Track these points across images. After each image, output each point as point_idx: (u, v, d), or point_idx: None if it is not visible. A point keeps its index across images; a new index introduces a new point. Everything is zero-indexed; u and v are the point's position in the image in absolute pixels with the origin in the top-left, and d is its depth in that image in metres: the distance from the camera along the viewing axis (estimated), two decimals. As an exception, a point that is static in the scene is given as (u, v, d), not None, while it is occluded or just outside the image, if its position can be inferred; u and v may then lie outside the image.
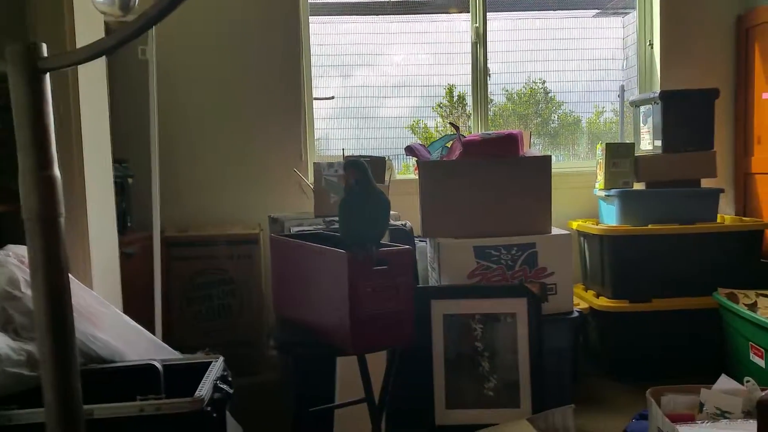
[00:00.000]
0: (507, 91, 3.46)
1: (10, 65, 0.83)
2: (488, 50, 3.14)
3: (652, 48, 3.20)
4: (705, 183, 2.80)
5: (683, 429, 1.58)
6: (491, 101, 3.25)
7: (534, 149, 2.70)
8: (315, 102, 3.16)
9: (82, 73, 1.77)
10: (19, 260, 1.52)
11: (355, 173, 1.49)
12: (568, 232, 2.27)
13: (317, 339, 1.58)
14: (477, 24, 3.13)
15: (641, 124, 2.97)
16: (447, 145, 2.43)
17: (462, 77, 3.31)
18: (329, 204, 2.49)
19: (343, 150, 2.90)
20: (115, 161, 2.15)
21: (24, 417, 1.28)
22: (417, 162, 2.34)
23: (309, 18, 3.07)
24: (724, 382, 1.81)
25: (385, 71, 3.42)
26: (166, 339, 1.95)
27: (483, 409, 2.03)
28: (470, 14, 3.14)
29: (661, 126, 2.76)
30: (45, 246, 0.88)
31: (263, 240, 2.81)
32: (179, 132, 2.91)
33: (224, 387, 1.45)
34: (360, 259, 1.44)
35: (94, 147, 1.88)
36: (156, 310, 2.22)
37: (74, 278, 1.59)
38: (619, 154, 2.77)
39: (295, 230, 2.30)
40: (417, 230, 2.31)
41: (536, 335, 2.04)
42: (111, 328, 1.58)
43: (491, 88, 3.20)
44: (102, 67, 1.95)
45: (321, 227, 2.28)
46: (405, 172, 3.33)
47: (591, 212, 3.02)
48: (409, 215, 2.44)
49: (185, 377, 1.50)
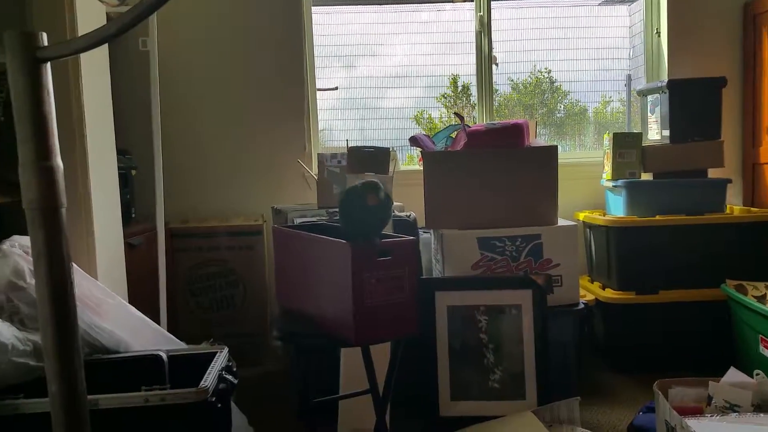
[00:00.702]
0: (512, 81, 3.43)
1: (9, 54, 0.82)
2: (493, 39, 3.11)
3: (659, 36, 3.17)
4: (713, 173, 2.77)
5: (691, 422, 1.57)
6: (496, 91, 3.22)
7: (540, 139, 2.68)
8: (318, 93, 3.14)
9: (85, 64, 1.76)
10: (24, 251, 1.52)
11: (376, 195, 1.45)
12: (574, 223, 2.25)
13: (321, 330, 1.57)
14: (481, 13, 3.10)
15: (648, 114, 2.94)
16: (451, 136, 2.42)
17: (466, 67, 3.29)
18: (332, 195, 2.48)
19: (347, 141, 2.89)
20: (119, 152, 2.14)
21: (30, 406, 1.29)
22: (421, 153, 2.33)
23: (312, 8, 3.05)
24: (733, 375, 1.79)
25: (389, 62, 3.40)
26: (170, 330, 1.95)
27: (487, 401, 2.02)
28: (474, 3, 3.12)
29: (669, 115, 2.73)
30: (47, 236, 0.88)
31: (266, 231, 2.81)
32: (182, 123, 2.91)
33: (229, 377, 1.45)
34: (362, 247, 1.43)
35: (98, 138, 1.87)
36: (161, 301, 2.23)
37: (79, 269, 1.59)
38: (626, 144, 2.74)
39: (299, 221, 2.30)
40: (421, 221, 2.30)
41: (541, 327, 2.03)
42: (116, 319, 1.58)
43: (496, 78, 3.17)
44: (104, 58, 1.95)
45: (324, 218, 2.27)
46: (409, 163, 3.32)
47: (597, 203, 3.00)
48: (414, 206, 2.43)
49: (190, 367, 1.50)
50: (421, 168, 2.27)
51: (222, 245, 2.75)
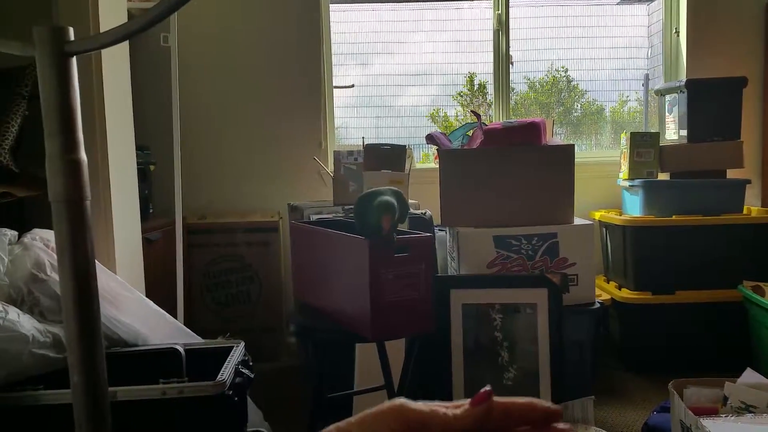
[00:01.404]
0: (529, 80, 3.41)
1: (38, 48, 0.83)
2: (510, 38, 3.10)
3: (678, 35, 3.14)
4: (731, 174, 2.74)
5: (706, 422, 1.56)
6: (513, 90, 3.21)
7: (556, 138, 2.66)
8: (335, 90, 3.15)
9: (106, 58, 1.78)
10: (45, 244, 1.54)
11: (391, 220, 1.44)
12: (591, 222, 2.24)
13: (337, 326, 1.58)
14: (499, 11, 3.09)
15: (666, 113, 2.91)
16: (468, 134, 2.41)
17: (483, 65, 3.28)
18: (348, 192, 2.49)
19: (363, 138, 2.89)
20: (137, 148, 2.17)
21: (51, 397, 1.30)
22: (438, 150, 2.33)
23: (330, 6, 3.06)
24: (750, 376, 1.77)
25: (405, 59, 3.40)
26: (186, 324, 1.97)
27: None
28: (492, 1, 3.10)
29: (687, 115, 2.70)
30: (71, 229, 0.89)
31: (282, 227, 2.82)
32: (200, 119, 2.93)
33: (245, 371, 1.46)
34: (379, 244, 1.43)
35: (118, 133, 1.89)
36: (178, 295, 2.24)
37: (98, 262, 1.60)
38: (644, 144, 2.72)
39: (315, 218, 2.31)
40: (437, 219, 2.30)
41: (556, 326, 2.03)
42: (134, 312, 1.60)
43: (513, 76, 3.16)
44: (125, 53, 1.97)
45: (340, 215, 2.28)
46: (425, 161, 3.31)
47: (614, 202, 2.97)
48: (429, 204, 2.43)
49: (206, 361, 1.51)
50: (437, 166, 2.27)
51: (238, 241, 2.77)
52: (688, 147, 2.71)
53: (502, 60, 3.11)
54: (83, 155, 0.89)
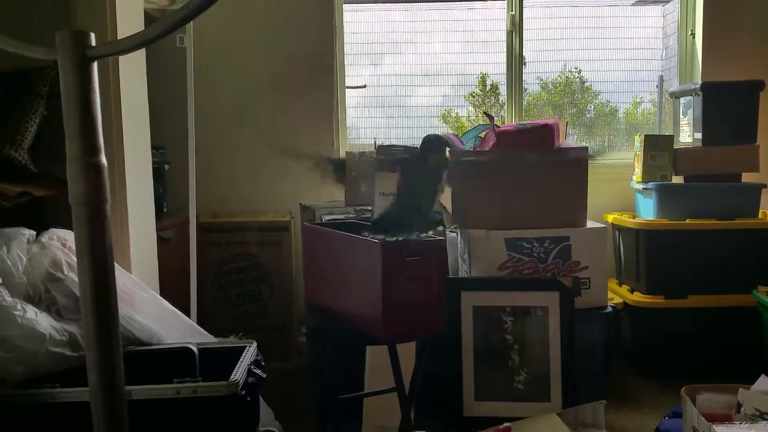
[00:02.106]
0: (541, 80, 3.40)
1: (60, 53, 0.85)
2: (523, 38, 3.09)
3: (694, 37, 3.11)
4: (747, 177, 2.72)
5: (720, 429, 1.55)
6: (525, 90, 3.20)
7: (569, 140, 2.65)
8: (347, 90, 3.16)
9: (123, 61, 1.79)
10: (62, 243, 1.56)
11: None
12: (603, 225, 2.23)
13: (349, 327, 1.59)
14: (513, 12, 3.08)
15: (681, 116, 2.89)
16: (480, 135, 2.41)
17: (495, 66, 3.27)
18: (360, 193, 2.48)
19: (375, 139, 2.89)
20: (153, 147, 2.18)
21: (67, 395, 1.32)
22: (450, 152, 2.33)
23: (343, 6, 3.06)
24: (764, 383, 1.76)
25: (417, 59, 3.39)
26: (199, 322, 1.98)
27: (512, 402, 2.02)
28: (506, 2, 3.09)
29: (702, 118, 2.68)
30: (91, 231, 0.90)
31: (294, 227, 2.83)
32: (214, 119, 2.94)
33: (257, 372, 1.47)
34: (392, 246, 1.44)
35: (134, 134, 1.91)
36: (191, 294, 2.26)
37: (114, 262, 1.62)
38: (658, 147, 2.70)
39: (326, 218, 2.31)
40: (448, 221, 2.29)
41: (568, 330, 2.02)
42: (149, 311, 1.62)
43: (525, 77, 3.15)
44: (142, 55, 1.98)
45: (352, 216, 2.28)
46: (436, 162, 3.30)
47: (627, 205, 2.96)
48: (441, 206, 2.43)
49: (219, 361, 1.53)
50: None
51: (251, 240, 2.79)
52: (703, 150, 2.69)
53: (515, 60, 3.10)
54: (103, 159, 0.90)
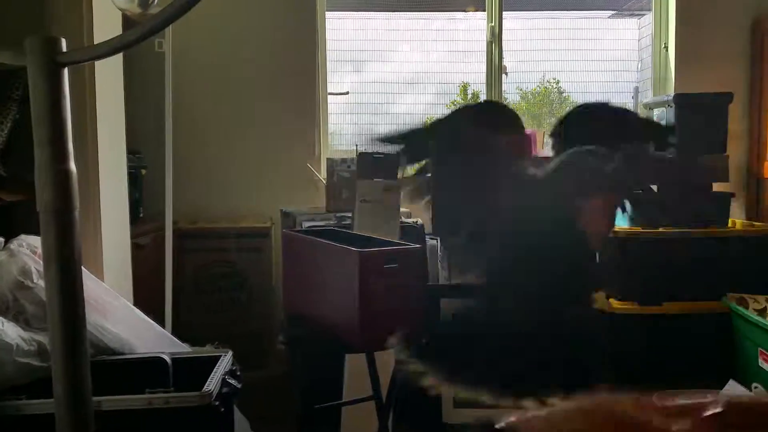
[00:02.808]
0: (521, 90, 3.44)
1: (30, 58, 0.83)
2: (503, 49, 3.12)
3: (667, 50, 3.17)
4: (717, 187, 2.77)
5: (691, 435, 1.57)
6: (506, 100, 3.23)
7: (546, 149, 2.68)
8: (329, 97, 3.15)
9: (99, 65, 1.77)
10: (32, 250, 1.53)
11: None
12: (579, 234, 2.25)
13: (326, 335, 1.58)
14: (493, 23, 3.11)
15: (655, 127, 2.94)
16: (459, 144, 2.42)
17: (476, 75, 3.29)
18: (341, 199, 2.49)
19: (357, 146, 2.90)
20: (129, 152, 2.16)
21: (33, 407, 1.29)
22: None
23: (326, 13, 3.06)
24: (732, 388, 1.79)
25: (400, 67, 3.41)
26: (175, 329, 1.96)
27: (491, 409, 2.02)
28: (486, 13, 3.12)
29: (674, 129, 2.73)
30: (59, 239, 0.88)
31: (274, 234, 2.81)
32: (193, 124, 2.92)
33: (232, 382, 1.46)
34: (370, 254, 1.43)
35: (109, 140, 1.89)
36: (166, 302, 2.23)
37: (85, 270, 1.59)
38: (632, 157, 2.74)
39: (307, 225, 2.31)
40: (428, 228, 2.30)
41: (544, 337, 2.03)
42: (121, 320, 1.59)
43: (505, 87, 3.18)
44: (119, 59, 1.96)
45: (333, 223, 2.28)
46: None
47: (602, 214, 2.99)
48: (420, 213, 2.44)
49: (194, 370, 1.51)
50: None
51: (230, 247, 2.75)
52: (675, 160, 2.73)
53: (495, 71, 3.13)
54: (72, 166, 0.89)
